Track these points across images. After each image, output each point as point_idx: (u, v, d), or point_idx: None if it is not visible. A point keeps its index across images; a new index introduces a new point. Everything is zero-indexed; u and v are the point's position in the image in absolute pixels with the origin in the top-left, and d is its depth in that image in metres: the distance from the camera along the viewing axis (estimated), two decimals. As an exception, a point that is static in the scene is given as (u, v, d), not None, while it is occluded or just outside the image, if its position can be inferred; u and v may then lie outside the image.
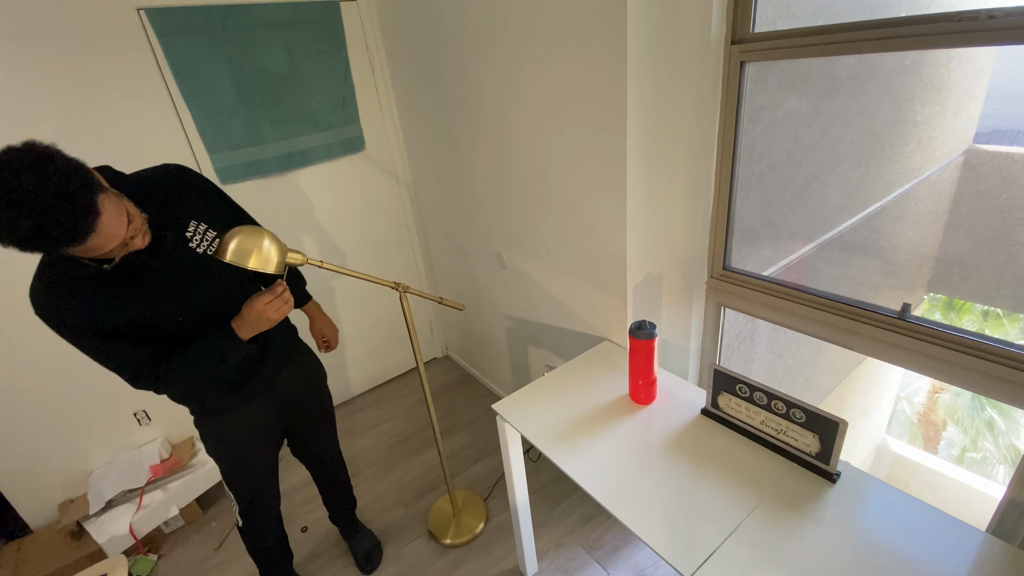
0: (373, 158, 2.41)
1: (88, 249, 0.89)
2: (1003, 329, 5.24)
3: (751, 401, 1.17)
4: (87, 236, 0.86)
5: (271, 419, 1.43)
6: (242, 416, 1.36)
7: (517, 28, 1.48)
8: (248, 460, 1.41)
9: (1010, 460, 5.63)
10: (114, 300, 1.04)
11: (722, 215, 1.42)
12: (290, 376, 1.44)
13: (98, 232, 0.87)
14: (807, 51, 1.12)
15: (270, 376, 1.38)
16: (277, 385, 1.41)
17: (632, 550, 1.78)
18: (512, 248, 1.97)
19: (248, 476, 1.43)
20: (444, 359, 3.05)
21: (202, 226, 1.17)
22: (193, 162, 1.96)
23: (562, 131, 1.49)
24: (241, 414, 1.35)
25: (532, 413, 1.39)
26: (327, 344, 1.60)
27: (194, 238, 1.15)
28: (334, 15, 2.09)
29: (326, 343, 1.60)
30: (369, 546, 1.85)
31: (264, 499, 1.49)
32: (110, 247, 0.92)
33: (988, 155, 2.61)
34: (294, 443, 1.61)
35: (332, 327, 1.60)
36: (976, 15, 0.87)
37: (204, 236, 1.17)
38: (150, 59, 1.78)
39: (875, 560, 0.92)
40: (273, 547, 1.60)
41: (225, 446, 1.37)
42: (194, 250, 1.15)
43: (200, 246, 1.16)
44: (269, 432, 1.44)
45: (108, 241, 0.90)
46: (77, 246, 0.87)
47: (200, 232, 1.17)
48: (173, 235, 1.11)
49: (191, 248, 1.14)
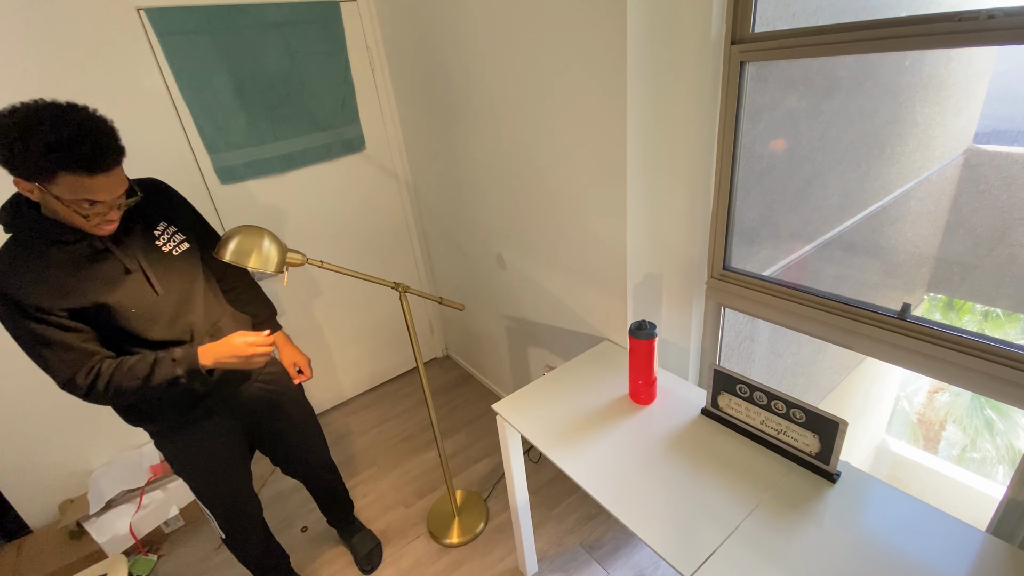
0: (373, 158, 2.41)
1: (92, 186, 0.94)
2: (1002, 329, 5.24)
3: (751, 401, 1.17)
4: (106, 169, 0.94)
5: (236, 433, 1.39)
6: (202, 431, 1.32)
7: (517, 28, 1.48)
8: (216, 474, 1.37)
9: (1009, 460, 5.63)
10: (71, 280, 1.03)
11: (722, 215, 1.42)
12: (254, 392, 1.41)
13: (110, 175, 0.96)
14: (807, 51, 1.12)
15: (230, 392, 1.35)
16: (238, 401, 1.38)
17: (632, 550, 1.78)
18: (512, 248, 1.97)
19: (220, 491, 1.39)
20: (444, 359, 3.05)
21: (172, 228, 1.21)
22: (193, 162, 1.96)
23: (562, 131, 1.49)
24: (201, 429, 1.31)
25: (532, 413, 1.39)
26: (300, 373, 1.55)
27: (161, 237, 1.18)
28: (334, 15, 2.09)
29: (300, 372, 1.55)
30: (369, 546, 1.85)
31: (241, 511, 1.45)
32: (107, 197, 0.98)
33: (988, 155, 2.61)
34: (279, 459, 1.57)
35: (303, 356, 1.56)
36: (976, 15, 0.87)
37: (172, 238, 1.20)
38: (150, 59, 1.78)
39: (875, 560, 0.92)
40: (263, 555, 1.57)
41: (190, 463, 1.34)
42: (159, 248, 1.17)
43: (166, 245, 1.19)
44: (235, 444, 1.39)
45: (112, 189, 0.98)
46: (90, 176, 0.93)
47: (168, 233, 1.20)
48: (140, 229, 1.15)
49: (156, 245, 1.17)
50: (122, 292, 1.09)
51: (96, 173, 0.93)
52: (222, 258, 1.23)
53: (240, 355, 1.15)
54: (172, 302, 1.17)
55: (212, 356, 1.15)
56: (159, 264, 1.16)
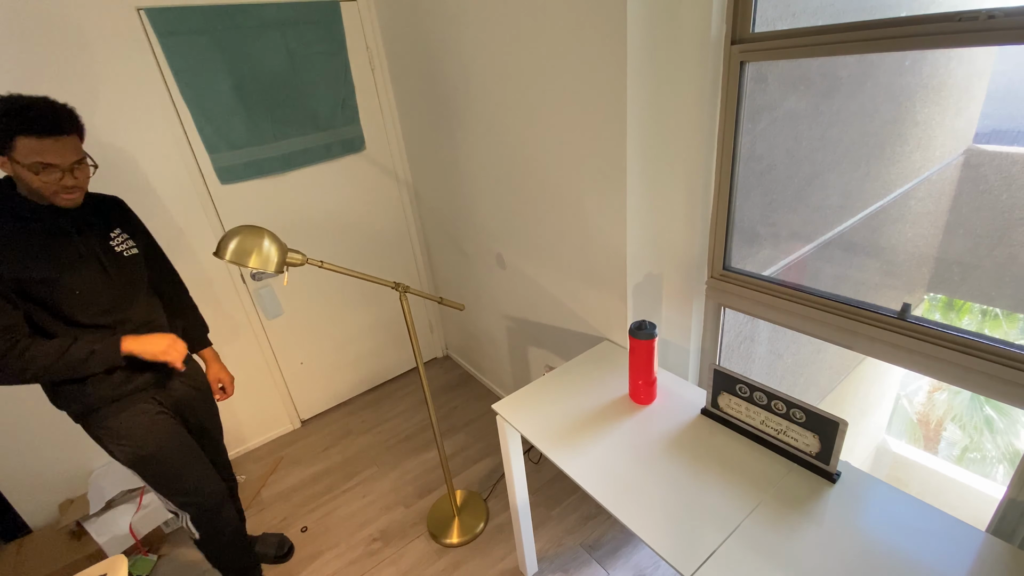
0: (373, 158, 2.41)
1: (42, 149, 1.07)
2: (1000, 330, 5.24)
3: (751, 401, 1.17)
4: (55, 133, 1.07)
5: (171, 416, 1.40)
6: (137, 405, 1.33)
7: (517, 28, 1.48)
8: (168, 448, 1.35)
9: (1009, 460, 5.63)
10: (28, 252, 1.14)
11: (722, 215, 1.42)
12: (180, 388, 1.46)
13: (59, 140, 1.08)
14: (807, 51, 1.12)
15: (160, 378, 1.39)
16: (168, 387, 1.42)
17: (632, 550, 1.78)
18: (512, 248, 1.97)
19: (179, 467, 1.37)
20: (444, 359, 3.05)
21: (124, 235, 1.33)
22: (193, 162, 1.96)
23: (562, 131, 1.49)
24: (135, 403, 1.33)
25: (532, 413, 1.39)
26: (223, 390, 1.61)
27: (116, 239, 1.30)
28: (334, 15, 2.09)
29: (222, 389, 1.61)
30: (275, 540, 1.87)
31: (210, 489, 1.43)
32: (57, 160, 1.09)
33: (988, 155, 2.61)
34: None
35: (228, 374, 1.63)
36: (976, 15, 0.87)
37: (125, 242, 1.32)
38: (150, 59, 1.78)
39: (875, 560, 0.92)
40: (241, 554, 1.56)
41: (133, 440, 1.31)
42: (112, 247, 1.29)
43: (119, 246, 1.30)
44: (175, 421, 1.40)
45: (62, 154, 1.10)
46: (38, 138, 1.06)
47: (122, 238, 1.32)
48: (99, 228, 1.28)
49: (110, 244, 1.29)
50: (72, 272, 1.19)
51: (45, 136, 1.06)
52: (222, 258, 1.23)
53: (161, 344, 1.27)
54: (113, 294, 1.26)
55: (131, 346, 1.24)
56: (109, 257, 1.27)
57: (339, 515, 2.05)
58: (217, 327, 2.18)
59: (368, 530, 1.97)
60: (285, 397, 2.50)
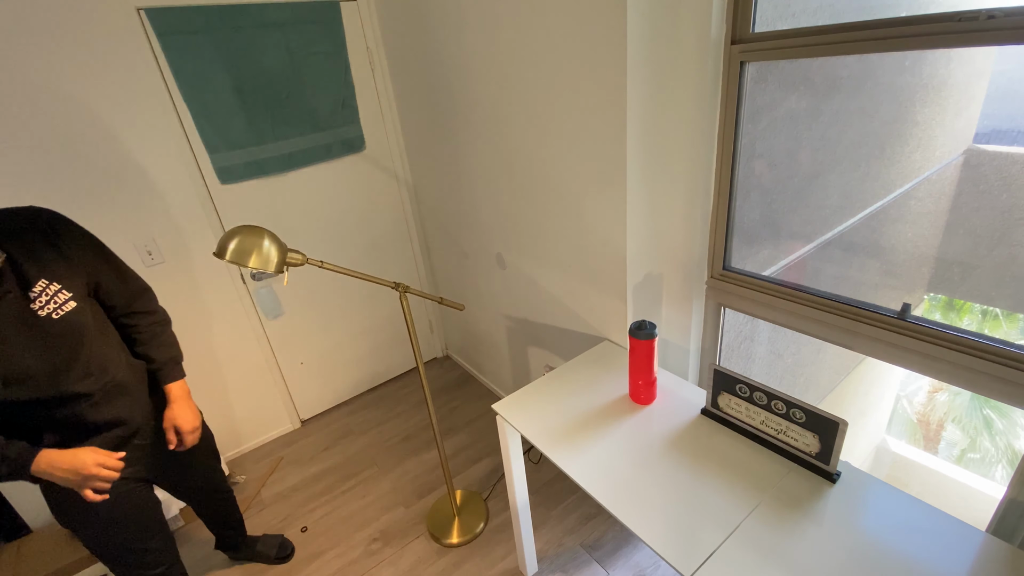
0: (373, 158, 2.41)
1: None
2: (1000, 330, 5.25)
3: (751, 401, 1.17)
4: None
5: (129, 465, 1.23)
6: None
7: (517, 28, 1.48)
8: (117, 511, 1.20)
9: (1008, 459, 5.63)
10: None
11: (722, 215, 1.42)
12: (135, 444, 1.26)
13: None
14: (807, 51, 1.12)
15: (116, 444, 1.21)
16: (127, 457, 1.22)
17: (632, 550, 1.78)
18: (512, 248, 1.97)
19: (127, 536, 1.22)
20: (444, 359, 3.05)
21: (53, 286, 1.08)
22: (193, 162, 1.96)
23: (562, 131, 1.49)
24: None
25: (532, 413, 1.39)
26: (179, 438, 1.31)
27: (39, 298, 1.06)
28: (334, 15, 2.09)
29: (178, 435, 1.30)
30: (276, 542, 1.86)
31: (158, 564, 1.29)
32: None
33: (988, 155, 2.61)
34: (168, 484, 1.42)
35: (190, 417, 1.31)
36: (976, 15, 0.87)
37: (53, 298, 1.07)
38: (150, 59, 1.78)
39: (875, 560, 0.92)
40: None
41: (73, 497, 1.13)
42: (34, 312, 1.05)
43: (44, 308, 1.06)
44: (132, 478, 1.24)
45: None
46: None
47: (49, 294, 1.07)
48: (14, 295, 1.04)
49: (32, 309, 1.05)
50: None
51: None
52: (222, 258, 1.23)
53: (81, 473, 1.06)
54: (46, 371, 1.06)
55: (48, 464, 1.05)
56: (35, 330, 1.05)
57: (339, 515, 2.05)
58: (217, 327, 2.18)
59: (368, 530, 1.97)
60: (285, 397, 2.50)
